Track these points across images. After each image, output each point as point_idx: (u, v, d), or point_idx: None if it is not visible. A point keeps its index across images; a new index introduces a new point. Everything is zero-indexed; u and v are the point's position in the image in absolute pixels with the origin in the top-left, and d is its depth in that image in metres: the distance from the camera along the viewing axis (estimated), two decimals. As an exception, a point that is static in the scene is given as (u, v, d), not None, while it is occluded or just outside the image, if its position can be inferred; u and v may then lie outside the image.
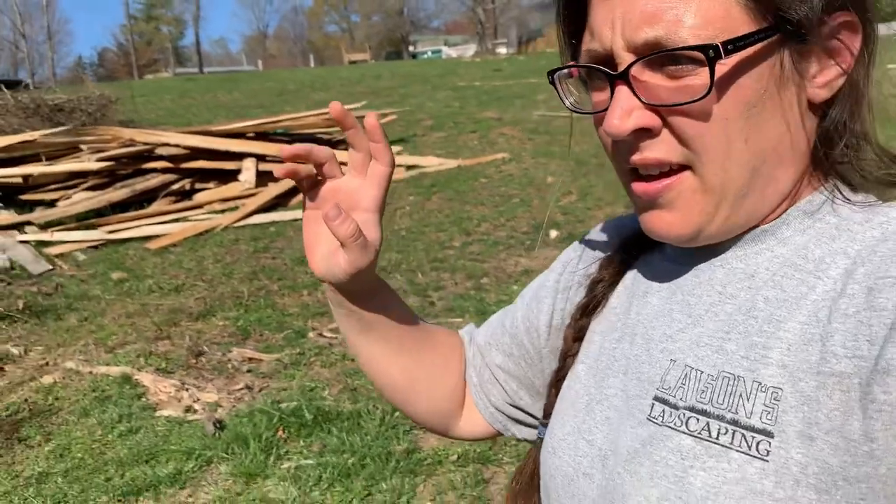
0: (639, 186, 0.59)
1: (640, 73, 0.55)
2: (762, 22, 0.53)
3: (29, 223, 7.33)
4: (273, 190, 7.98)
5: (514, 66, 22.46)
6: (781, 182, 0.58)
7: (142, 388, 4.06)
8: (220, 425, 3.51)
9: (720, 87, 0.53)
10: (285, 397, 3.82)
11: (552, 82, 0.62)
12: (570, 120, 0.68)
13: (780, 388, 0.51)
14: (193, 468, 3.19)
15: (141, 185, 7.92)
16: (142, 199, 7.97)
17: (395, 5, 67.48)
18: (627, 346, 0.66)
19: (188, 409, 3.78)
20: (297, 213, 7.67)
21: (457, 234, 6.89)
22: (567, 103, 0.63)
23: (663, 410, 0.58)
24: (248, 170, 8.19)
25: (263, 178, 8.29)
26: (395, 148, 10.37)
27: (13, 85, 16.43)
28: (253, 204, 7.65)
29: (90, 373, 4.31)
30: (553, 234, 6.40)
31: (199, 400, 3.88)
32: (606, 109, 0.57)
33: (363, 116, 0.73)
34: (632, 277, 0.71)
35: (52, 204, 7.89)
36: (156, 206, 7.81)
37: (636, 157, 0.58)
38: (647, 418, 0.59)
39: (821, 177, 0.59)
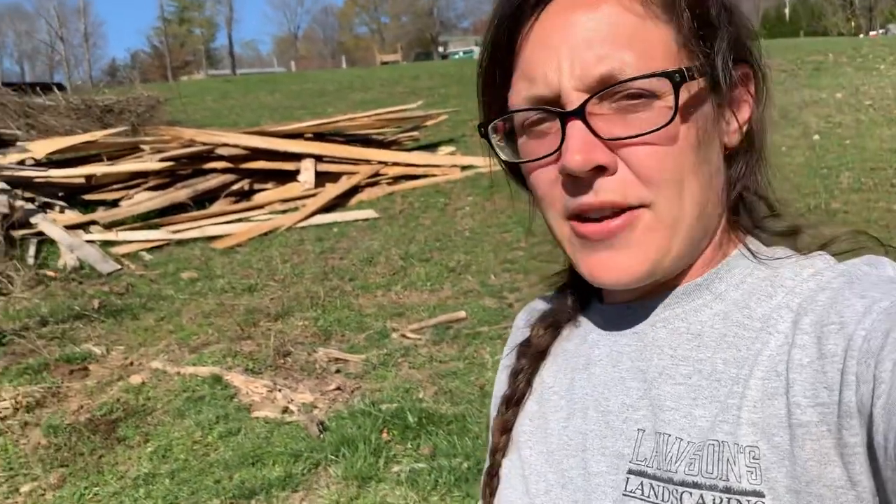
0: (588, 227, 0.56)
1: (596, 109, 0.54)
2: (696, 62, 0.54)
3: (94, 223, 7.38)
4: (332, 191, 7.97)
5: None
6: (713, 226, 0.58)
7: (233, 389, 4.04)
8: (322, 427, 3.47)
9: (681, 115, 0.53)
10: (381, 399, 3.77)
11: (483, 135, 0.60)
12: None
13: (756, 447, 0.51)
14: (303, 471, 3.15)
15: (202, 185, 7.95)
16: (202, 199, 8.00)
17: (424, 6, 67.54)
18: (580, 422, 0.63)
19: (285, 410, 3.74)
20: (358, 214, 7.65)
21: (523, 234, 6.80)
22: (503, 156, 0.61)
23: (641, 483, 0.56)
24: (308, 170, 8.18)
25: (321, 178, 8.29)
26: (448, 148, 10.32)
27: (59, 88, 16.64)
28: (314, 204, 7.64)
29: (178, 373, 4.30)
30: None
31: (293, 401, 3.85)
32: (548, 155, 0.56)
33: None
34: (563, 353, 0.68)
35: (114, 204, 7.95)
36: (217, 207, 7.83)
37: (590, 199, 0.55)
38: (624, 493, 0.56)
39: (737, 231, 0.61)
